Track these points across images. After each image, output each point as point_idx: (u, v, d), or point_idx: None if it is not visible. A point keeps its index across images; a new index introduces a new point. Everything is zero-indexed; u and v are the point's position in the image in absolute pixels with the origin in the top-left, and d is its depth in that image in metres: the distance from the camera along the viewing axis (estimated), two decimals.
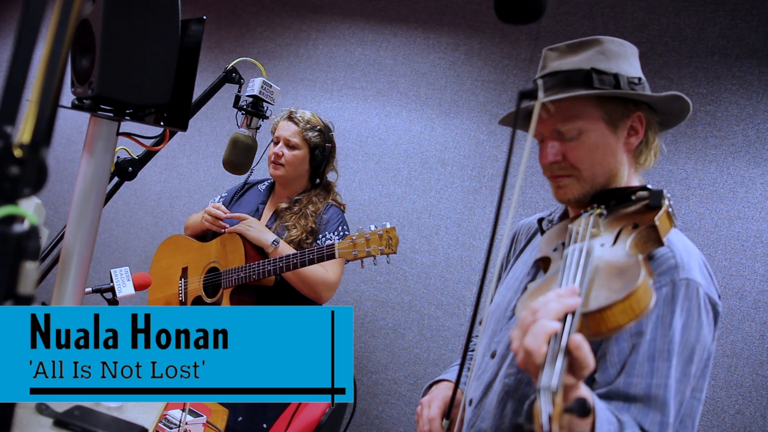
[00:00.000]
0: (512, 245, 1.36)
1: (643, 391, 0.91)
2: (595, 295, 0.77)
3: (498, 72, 2.72)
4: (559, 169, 1.08)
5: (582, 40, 1.08)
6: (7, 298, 0.47)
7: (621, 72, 1.05)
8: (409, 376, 2.77)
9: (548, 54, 1.11)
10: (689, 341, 0.94)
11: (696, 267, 0.99)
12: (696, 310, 0.95)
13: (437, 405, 1.16)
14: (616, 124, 1.06)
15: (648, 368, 0.92)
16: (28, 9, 0.47)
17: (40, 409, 1.03)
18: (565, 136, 1.06)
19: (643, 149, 1.10)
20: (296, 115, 2.19)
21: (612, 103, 1.05)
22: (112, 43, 1.16)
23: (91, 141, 1.32)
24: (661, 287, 0.95)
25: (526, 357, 0.73)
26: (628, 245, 0.85)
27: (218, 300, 2.12)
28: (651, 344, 0.93)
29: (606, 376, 0.95)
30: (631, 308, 0.74)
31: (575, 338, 0.71)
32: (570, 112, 1.05)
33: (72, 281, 1.34)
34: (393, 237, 1.87)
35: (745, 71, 2.30)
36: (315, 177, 2.24)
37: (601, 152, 1.06)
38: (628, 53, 1.09)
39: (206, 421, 1.79)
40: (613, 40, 1.08)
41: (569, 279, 0.81)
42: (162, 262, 2.35)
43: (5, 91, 0.46)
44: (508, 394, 1.07)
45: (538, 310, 0.75)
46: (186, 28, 1.34)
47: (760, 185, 2.26)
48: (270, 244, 2.05)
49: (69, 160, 3.75)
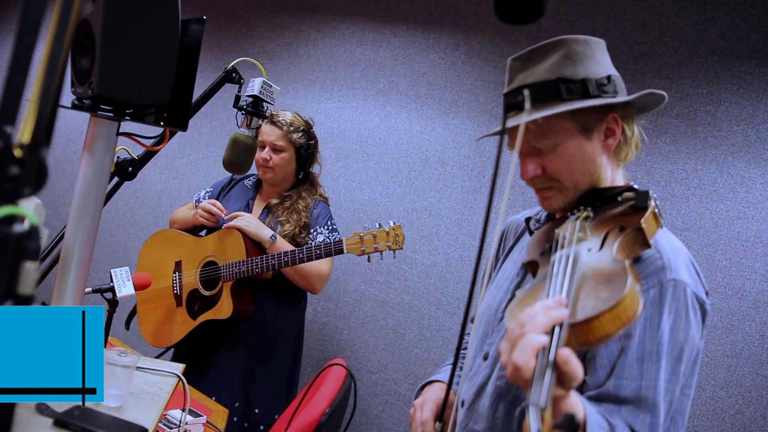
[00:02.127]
0: (501, 243, 1.37)
1: (633, 393, 0.92)
2: (582, 305, 0.77)
3: (498, 72, 2.72)
4: (541, 182, 1.09)
5: (545, 44, 1.06)
6: (7, 298, 0.47)
7: (589, 75, 1.04)
8: (409, 376, 2.77)
9: (513, 65, 1.10)
10: (678, 341, 0.95)
11: (683, 267, 0.99)
12: (684, 310, 0.96)
13: (429, 407, 1.16)
14: (590, 131, 1.06)
15: (637, 370, 0.93)
16: (28, 9, 0.47)
17: (40, 409, 1.03)
18: (542, 150, 1.07)
19: (623, 146, 1.09)
20: (278, 118, 2.24)
21: (583, 111, 1.04)
22: (112, 43, 1.16)
23: (91, 141, 1.32)
24: (648, 289, 0.95)
25: (514, 372, 0.74)
26: (615, 249, 0.86)
27: (217, 293, 2.16)
28: (640, 346, 0.93)
29: (596, 378, 0.96)
30: (618, 317, 0.74)
31: (563, 353, 0.71)
32: (543, 128, 1.05)
33: (72, 281, 1.34)
34: (399, 234, 1.98)
35: (745, 71, 2.30)
36: (300, 171, 2.33)
37: (579, 161, 1.06)
38: (594, 51, 1.07)
39: (206, 421, 1.79)
40: (577, 39, 1.06)
41: (556, 289, 0.81)
42: (152, 255, 2.37)
43: (5, 91, 0.46)
44: (500, 396, 1.08)
45: (526, 324, 0.76)
46: (186, 28, 1.34)
47: (760, 185, 2.26)
48: (268, 239, 2.12)
49: (69, 160, 3.75)
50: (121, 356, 1.13)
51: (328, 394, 1.84)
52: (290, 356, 2.30)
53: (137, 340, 2.52)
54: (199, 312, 2.20)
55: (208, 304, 2.18)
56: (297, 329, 2.34)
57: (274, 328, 2.24)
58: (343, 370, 1.95)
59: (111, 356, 1.13)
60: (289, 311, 2.29)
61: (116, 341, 2.36)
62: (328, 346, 2.95)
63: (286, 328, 2.27)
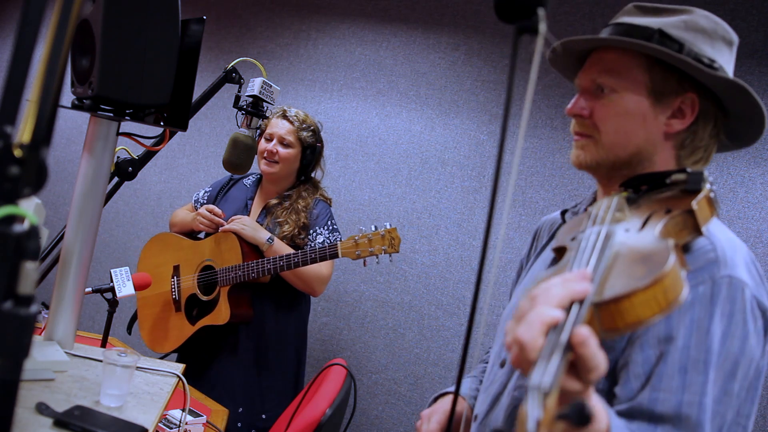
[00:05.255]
0: (533, 243, 1.23)
1: (672, 410, 0.76)
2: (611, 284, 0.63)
3: (498, 72, 2.72)
4: (581, 126, 0.97)
5: (674, 7, 0.94)
6: (7, 298, 0.47)
7: (692, 44, 0.90)
8: (409, 376, 2.77)
9: (629, 9, 0.98)
10: (731, 352, 0.78)
11: (742, 264, 0.83)
12: (741, 314, 0.79)
13: (437, 419, 1.09)
14: (660, 98, 0.92)
15: (679, 382, 0.76)
16: (28, 9, 0.47)
17: (40, 409, 1.03)
18: (602, 89, 0.95)
19: (688, 141, 0.94)
20: (290, 114, 2.22)
21: (663, 72, 0.91)
22: (112, 43, 1.16)
23: (91, 141, 1.32)
24: (697, 285, 0.79)
25: (518, 351, 0.59)
26: (658, 230, 0.71)
27: (215, 298, 2.14)
28: (683, 353, 0.77)
29: (628, 390, 0.80)
30: (655, 299, 0.60)
31: (580, 331, 0.56)
32: (613, 65, 0.94)
33: (72, 281, 1.34)
34: (395, 237, 1.92)
35: (745, 71, 2.30)
36: (302, 174, 2.29)
37: (630, 121, 0.92)
38: (716, 34, 0.93)
39: (206, 421, 1.79)
40: (707, 15, 0.94)
41: (581, 263, 0.67)
42: (151, 259, 2.36)
43: (5, 91, 0.46)
44: (517, 408, 0.93)
45: (538, 296, 0.62)
46: (186, 28, 1.34)
47: (760, 185, 2.26)
48: (265, 242, 2.09)
49: (69, 160, 3.75)
50: (121, 356, 1.13)
51: (328, 394, 1.84)
52: (293, 360, 2.27)
53: (137, 341, 2.52)
54: (198, 317, 2.18)
55: (207, 309, 2.16)
56: (299, 333, 2.31)
57: (275, 333, 2.20)
58: (343, 370, 1.95)
59: (111, 356, 1.12)
60: (290, 315, 2.25)
61: (116, 341, 2.36)
62: (328, 346, 2.95)
63: (287, 331, 2.24)
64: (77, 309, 1.35)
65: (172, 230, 2.43)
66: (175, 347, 2.21)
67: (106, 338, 1.93)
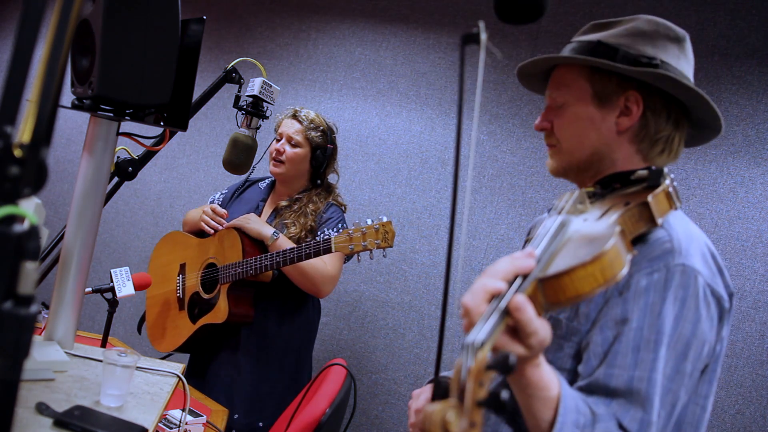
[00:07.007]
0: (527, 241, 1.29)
1: (624, 384, 0.83)
2: (557, 263, 0.70)
3: (498, 72, 2.72)
4: (548, 138, 1.07)
5: (624, 18, 1.04)
6: (7, 298, 0.47)
7: (630, 47, 0.98)
8: (409, 376, 2.77)
9: (587, 27, 1.09)
10: (683, 334, 0.85)
11: (698, 254, 0.89)
12: (693, 299, 0.85)
13: (426, 396, 1.11)
14: (603, 100, 1.00)
15: (631, 359, 0.83)
16: (28, 9, 0.47)
17: (40, 409, 1.03)
18: (556, 103, 1.05)
19: (643, 134, 1.01)
20: (300, 113, 2.19)
21: (602, 78, 1.00)
22: (112, 43, 1.16)
23: (91, 141, 1.32)
24: (653, 272, 0.86)
25: (464, 315, 0.71)
26: (613, 220, 0.77)
27: (215, 296, 2.12)
28: (637, 333, 0.84)
29: (588, 367, 0.87)
30: (593, 276, 0.67)
31: (517, 298, 0.65)
32: (562, 80, 1.04)
33: (72, 281, 1.34)
34: (389, 231, 1.86)
35: (745, 71, 2.30)
36: (316, 177, 2.23)
37: (581, 126, 1.02)
38: (658, 33, 1.00)
39: (206, 421, 1.79)
40: (650, 19, 1.02)
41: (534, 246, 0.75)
42: (160, 258, 2.35)
43: (5, 91, 0.46)
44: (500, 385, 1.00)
45: (487, 271, 0.72)
46: (186, 28, 1.34)
47: (760, 185, 2.26)
48: (270, 236, 2.03)
49: (69, 160, 3.75)
50: (121, 356, 1.13)
51: (328, 394, 1.84)
52: (293, 366, 2.19)
53: (137, 340, 2.52)
54: (199, 315, 2.16)
55: (207, 307, 2.14)
56: (303, 338, 2.23)
57: (277, 336, 2.14)
58: (343, 370, 1.95)
59: (111, 356, 1.12)
60: (293, 318, 2.18)
61: (116, 341, 2.36)
62: (328, 346, 2.94)
63: (290, 336, 2.17)
64: (77, 309, 1.35)
65: (184, 229, 2.42)
66: (176, 346, 2.20)
67: (106, 338, 1.93)
